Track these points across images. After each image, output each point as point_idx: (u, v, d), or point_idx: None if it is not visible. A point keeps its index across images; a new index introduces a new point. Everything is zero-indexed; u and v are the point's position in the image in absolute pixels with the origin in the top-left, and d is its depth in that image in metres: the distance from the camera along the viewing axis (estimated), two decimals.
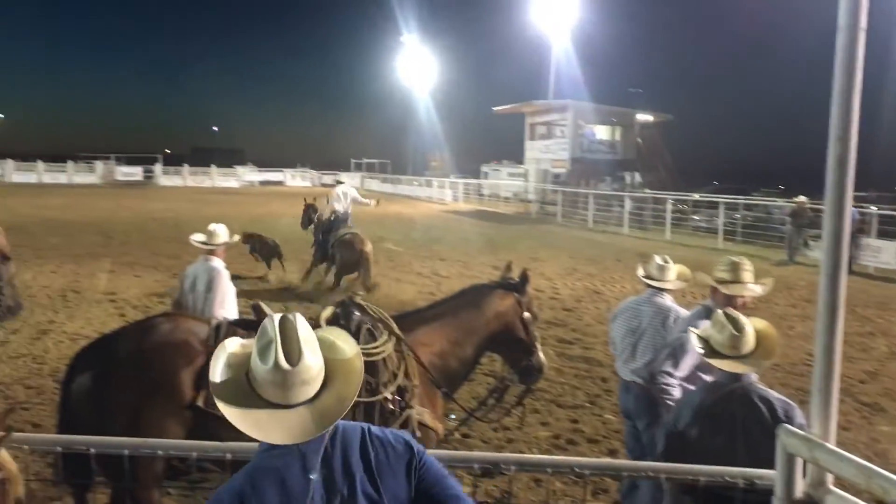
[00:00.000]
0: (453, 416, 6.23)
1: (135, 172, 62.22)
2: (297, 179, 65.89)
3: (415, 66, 66.35)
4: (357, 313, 4.22)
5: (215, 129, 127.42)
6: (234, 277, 6.88)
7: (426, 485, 1.94)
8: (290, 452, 1.82)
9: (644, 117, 40.40)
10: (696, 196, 28.26)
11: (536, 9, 47.90)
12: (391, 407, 4.00)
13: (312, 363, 1.79)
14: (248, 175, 64.83)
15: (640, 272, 5.25)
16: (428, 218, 32.41)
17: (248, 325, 4.01)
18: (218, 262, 6.19)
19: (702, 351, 3.46)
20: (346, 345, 1.95)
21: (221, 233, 6.38)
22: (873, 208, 19.57)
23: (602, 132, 40.09)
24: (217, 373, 1.84)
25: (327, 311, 4.27)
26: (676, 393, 4.32)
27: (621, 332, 5.14)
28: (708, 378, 3.81)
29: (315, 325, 4.10)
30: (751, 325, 3.42)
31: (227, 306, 5.91)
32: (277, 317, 1.86)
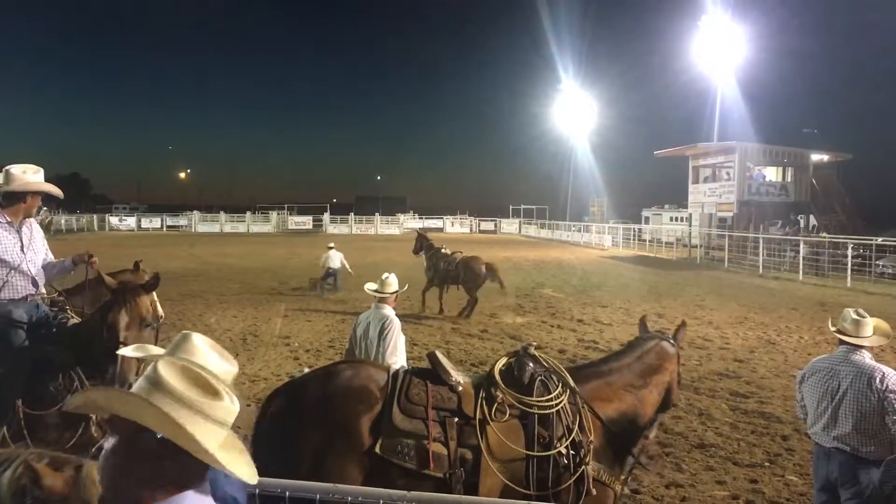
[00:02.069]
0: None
1: (305, 221, 66.23)
2: (456, 226, 67.28)
3: (573, 112, 66.42)
4: (531, 364, 4.19)
5: (378, 178, 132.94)
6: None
7: None
8: None
9: (819, 157, 38.16)
10: (879, 240, 26.17)
11: (699, 49, 46.83)
12: (565, 462, 3.92)
13: None
14: (409, 222, 66.93)
15: (832, 327, 4.89)
16: (587, 263, 31.96)
17: (424, 374, 4.09)
18: (390, 310, 6.38)
19: None
20: None
21: (393, 282, 6.60)
22: None
23: (772, 174, 38.21)
24: None
25: (500, 362, 4.27)
26: None
27: (816, 395, 4.76)
28: None
29: (489, 375, 4.16)
30: None
31: (399, 354, 6.07)
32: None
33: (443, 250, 16.84)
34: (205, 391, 1.66)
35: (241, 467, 1.64)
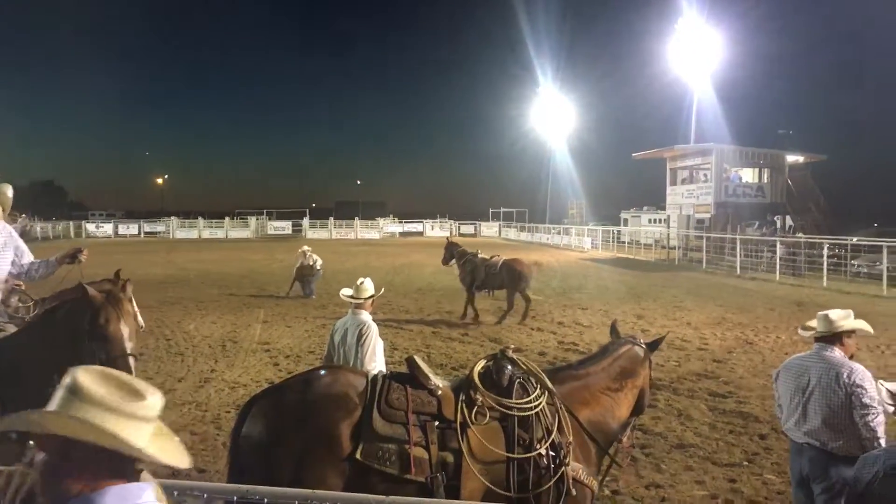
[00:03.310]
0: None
1: (284, 226, 66.15)
2: (436, 230, 67.25)
3: (552, 115, 66.73)
4: (509, 367, 4.22)
5: (358, 182, 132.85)
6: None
7: None
8: None
9: (794, 158, 38.60)
10: (854, 239, 26.50)
11: (676, 52, 47.26)
12: (545, 463, 3.95)
13: None
14: (388, 226, 66.96)
15: (804, 332, 4.97)
16: (567, 266, 32.07)
17: (402, 379, 4.09)
18: (367, 316, 6.35)
19: (892, 408, 3.25)
20: None
21: (369, 287, 6.54)
22: None
23: (748, 175, 38.59)
24: None
25: (479, 365, 4.29)
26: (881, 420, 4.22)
27: (788, 392, 4.83)
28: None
29: (468, 378, 4.17)
30: None
31: (378, 359, 6.06)
32: None
33: (479, 255, 16.48)
34: (126, 393, 1.80)
35: (171, 455, 1.82)
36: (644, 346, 4.84)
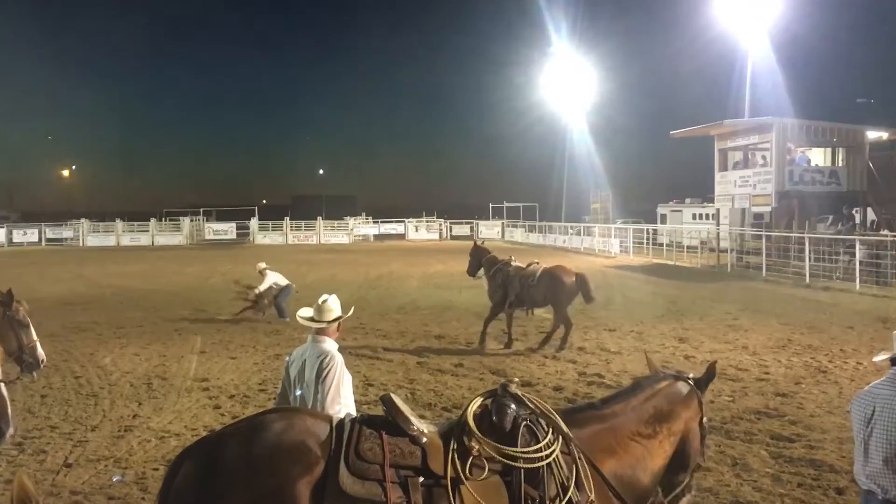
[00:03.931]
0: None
1: (227, 229, 66.16)
2: (421, 231, 67.23)
3: (567, 83, 66.45)
4: (512, 406, 4.21)
5: (321, 172, 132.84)
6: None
7: None
8: None
9: (877, 134, 38.64)
10: None
11: (724, 3, 47.23)
12: None
13: None
14: (360, 228, 66.86)
15: (879, 357, 4.96)
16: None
17: (377, 424, 4.08)
18: (331, 344, 6.27)
19: None
20: None
21: (334, 306, 6.43)
22: None
23: (818, 157, 38.64)
24: None
25: (475, 405, 4.28)
26: None
27: (857, 425, 4.86)
28: None
29: (460, 421, 4.17)
30: None
31: (345, 398, 5.98)
32: None
33: (513, 263, 16.19)
34: None
35: None
36: (691, 381, 4.84)
